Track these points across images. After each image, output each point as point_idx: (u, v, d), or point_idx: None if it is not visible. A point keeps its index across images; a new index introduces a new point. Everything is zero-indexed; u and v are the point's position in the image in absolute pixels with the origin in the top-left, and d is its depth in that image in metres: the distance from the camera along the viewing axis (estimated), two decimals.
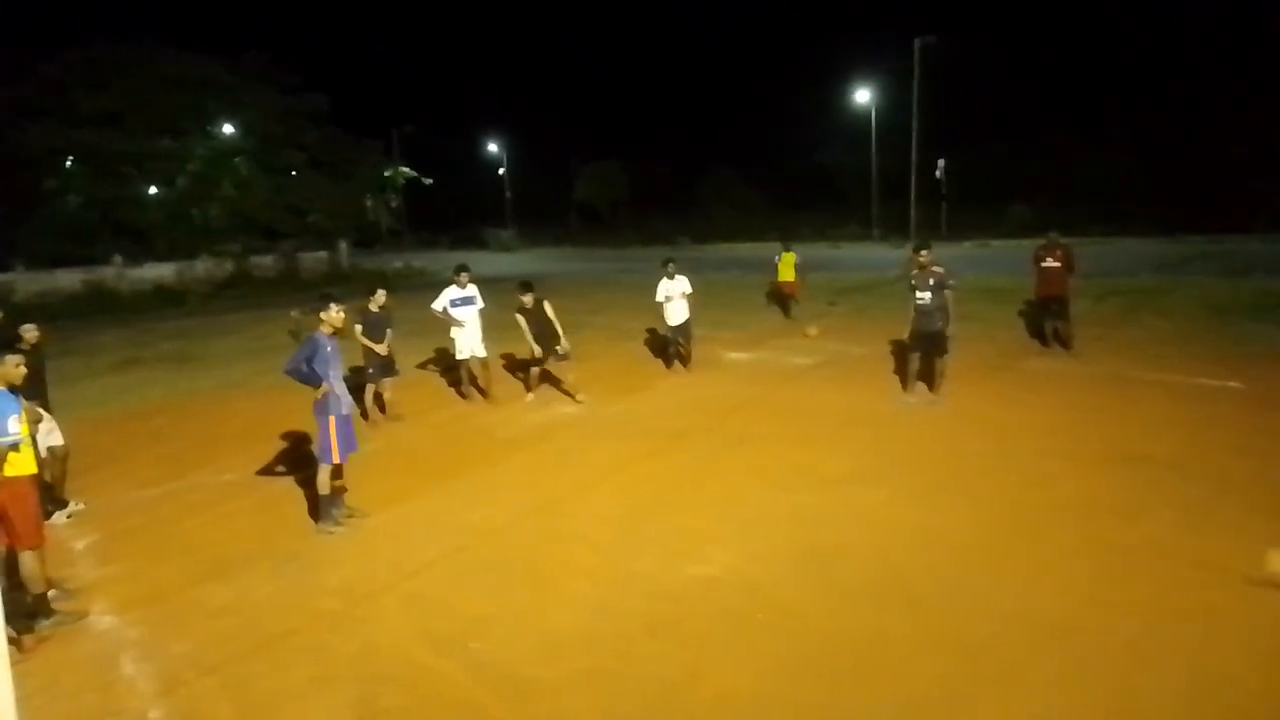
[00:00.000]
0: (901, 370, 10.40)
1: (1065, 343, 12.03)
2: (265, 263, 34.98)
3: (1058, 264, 11.80)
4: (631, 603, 5.30)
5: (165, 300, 28.56)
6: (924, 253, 9.70)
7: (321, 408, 6.67)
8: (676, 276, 12.05)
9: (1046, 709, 4.05)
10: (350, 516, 6.91)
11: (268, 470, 8.50)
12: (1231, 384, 9.82)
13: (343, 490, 6.95)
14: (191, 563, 6.32)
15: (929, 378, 9.93)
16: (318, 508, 6.85)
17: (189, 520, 7.24)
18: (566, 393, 10.84)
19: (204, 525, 7.13)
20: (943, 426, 8.86)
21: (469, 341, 10.70)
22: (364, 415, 9.93)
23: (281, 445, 9.25)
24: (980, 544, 5.91)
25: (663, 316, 12.21)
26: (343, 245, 38.86)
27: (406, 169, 44.73)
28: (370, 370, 10.01)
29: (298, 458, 8.77)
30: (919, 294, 9.63)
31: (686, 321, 12.21)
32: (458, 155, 65.33)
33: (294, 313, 18.14)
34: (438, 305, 10.73)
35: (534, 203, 64.61)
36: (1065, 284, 11.82)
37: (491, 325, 11.17)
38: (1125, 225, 34.96)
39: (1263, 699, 4.02)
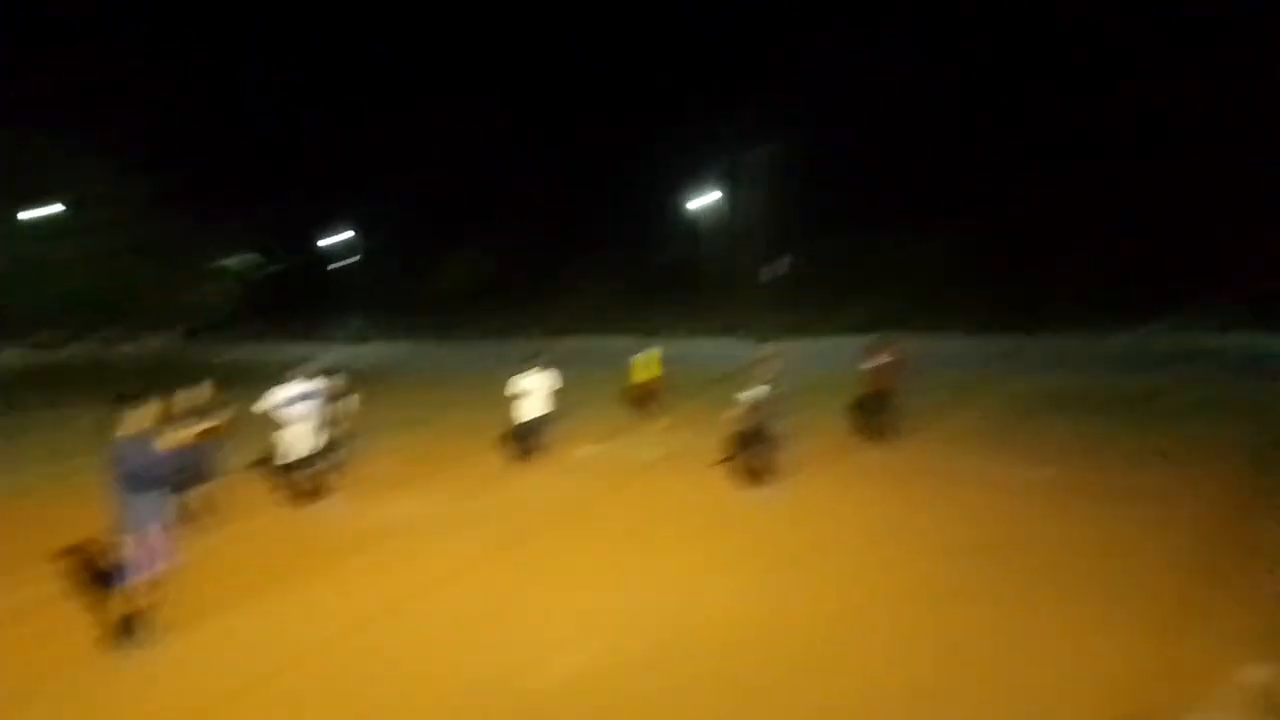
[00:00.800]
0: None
1: (891, 435, 12.74)
2: (85, 351, 32.43)
3: (886, 360, 12.59)
4: (490, 709, 5.11)
5: None
6: (762, 348, 10.23)
7: (132, 515, 6.15)
8: (542, 370, 12.15)
9: None
10: (152, 641, 6.27)
11: (52, 590, 7.68)
12: (1041, 473, 10.65)
13: (150, 609, 6.35)
14: None
15: (762, 471, 10.23)
16: (116, 630, 6.24)
17: None
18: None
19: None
20: (784, 518, 9.14)
21: (303, 440, 10.26)
22: (181, 522, 9.23)
23: (71, 561, 8.34)
24: (818, 635, 6.08)
25: (516, 408, 12.17)
26: (172, 333, 36.72)
27: (253, 255, 43.13)
28: (185, 473, 9.25)
29: (90, 575, 7.96)
30: (752, 390, 10.07)
31: (545, 416, 12.22)
32: (310, 241, 63.53)
33: (116, 408, 16.89)
34: (268, 403, 10.26)
35: (389, 291, 63.36)
36: (893, 380, 12.61)
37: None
38: (946, 322, 37.77)
39: None
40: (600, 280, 57.65)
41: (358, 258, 64.09)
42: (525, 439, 12.37)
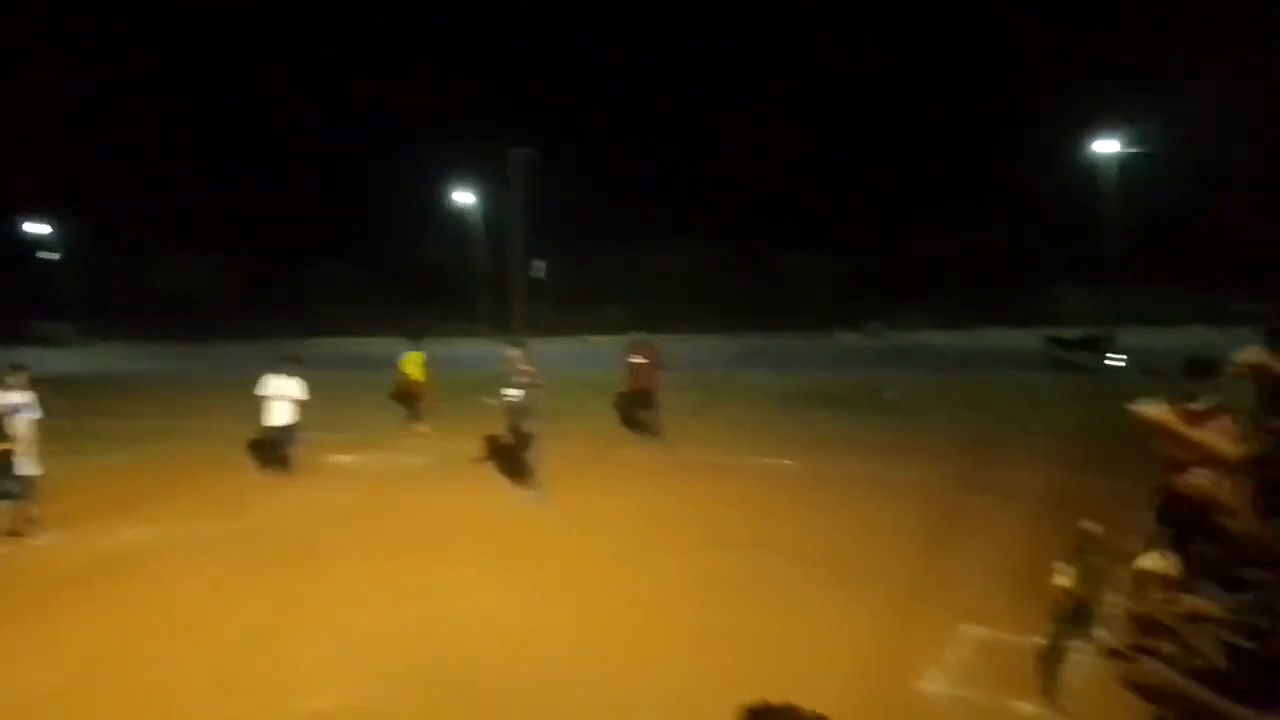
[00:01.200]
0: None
1: (655, 432, 13.14)
2: None
3: (645, 360, 12.96)
4: None
5: None
6: (517, 350, 10.19)
7: None
8: (288, 376, 11.36)
9: None
10: None
11: None
12: (789, 463, 11.41)
13: None
14: None
15: (525, 474, 10.04)
16: None
17: None
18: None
19: None
20: (553, 521, 9.11)
21: (23, 460, 8.82)
22: None
23: None
24: (593, 637, 6.08)
25: (265, 414, 11.36)
26: None
27: None
28: None
29: None
30: (509, 392, 10.15)
31: (292, 425, 11.38)
32: None
33: None
34: None
35: (103, 294, 56.48)
36: (653, 379, 13.00)
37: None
38: (698, 324, 39.74)
39: None
40: (356, 283, 55.11)
41: (57, 256, 56.75)
42: (276, 447, 11.49)
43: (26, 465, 8.87)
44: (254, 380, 11.41)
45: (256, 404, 11.37)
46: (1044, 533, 7.73)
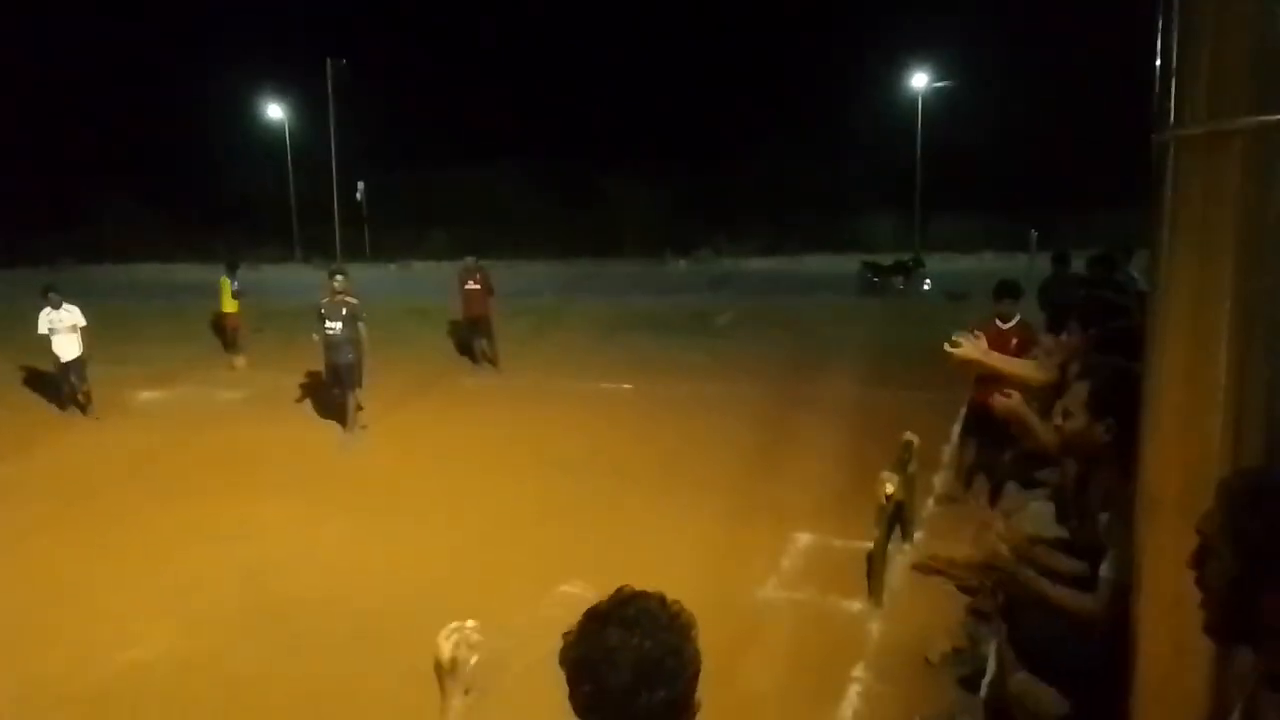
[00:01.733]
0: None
1: (492, 360, 12.93)
2: None
3: (477, 286, 12.64)
4: (40, 715, 4.22)
5: None
6: (338, 279, 9.44)
7: None
8: (63, 306, 10.19)
9: (524, 711, 4.22)
10: None
11: None
12: (624, 386, 11.58)
13: None
14: None
15: (351, 406, 9.45)
16: None
17: None
18: None
19: None
20: (386, 452, 8.87)
21: None
22: None
23: None
24: (437, 567, 6.01)
25: (53, 347, 10.30)
26: None
27: None
28: None
29: None
30: (329, 324, 9.29)
31: (79, 357, 10.35)
32: None
33: None
34: None
35: None
36: (486, 305, 12.73)
37: None
38: (526, 251, 39.19)
39: None
40: (145, 203, 50.15)
41: None
42: (68, 382, 10.46)
43: None
44: (29, 309, 10.26)
45: (32, 334, 10.29)
46: (863, 445, 8.29)
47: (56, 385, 10.66)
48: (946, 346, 4.15)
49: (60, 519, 7.05)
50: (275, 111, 41.97)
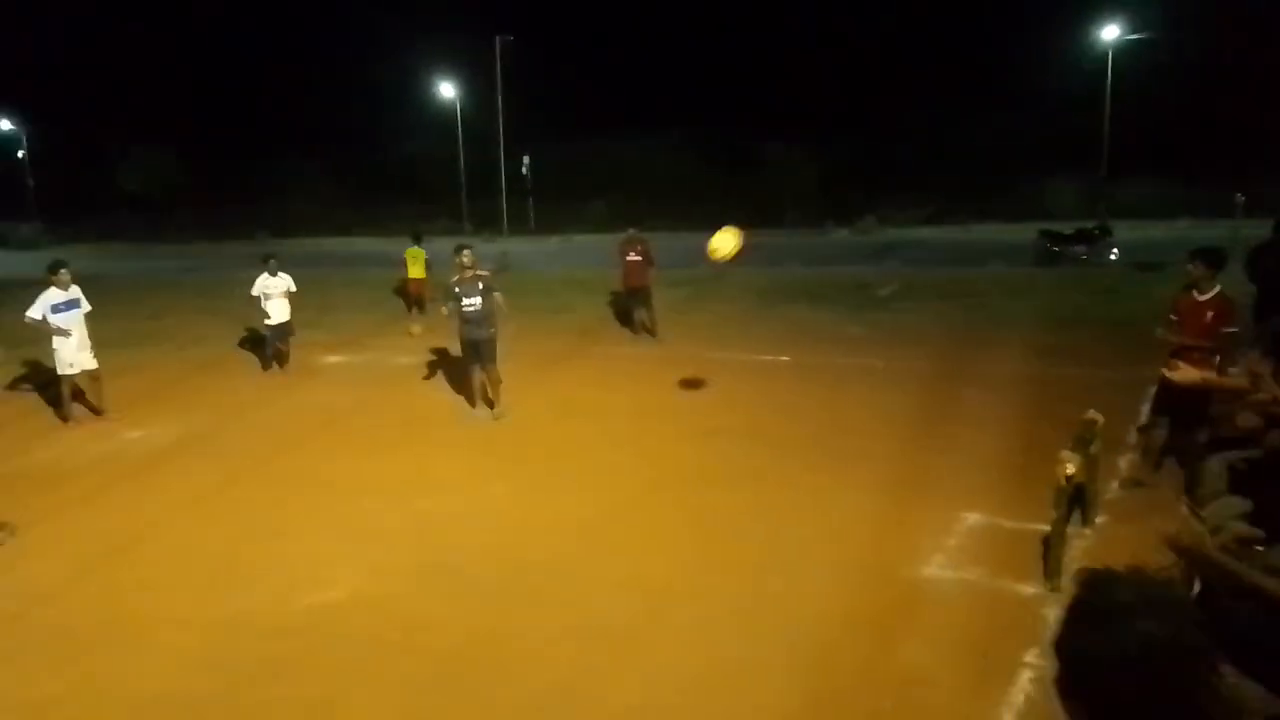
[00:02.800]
0: (465, 387, 9.56)
1: (650, 330, 13.08)
2: None
3: (639, 257, 12.78)
4: (242, 648, 4.69)
5: None
6: (464, 254, 8.95)
7: None
8: (279, 274, 11.35)
9: (676, 671, 4.32)
10: None
11: None
12: (782, 358, 11.44)
13: None
14: None
15: (488, 389, 9.31)
16: None
17: None
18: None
19: None
20: (547, 415, 9.14)
21: (74, 353, 8.99)
22: None
23: None
24: (595, 526, 6.18)
25: (261, 314, 11.42)
26: None
27: None
28: None
29: None
30: (467, 301, 8.86)
31: (288, 321, 11.40)
32: None
33: None
34: (35, 313, 8.90)
35: (69, 193, 54.83)
36: (646, 275, 12.86)
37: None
38: (685, 219, 39.19)
39: (838, 625, 4.67)
40: (327, 178, 53.62)
41: (21, 155, 54.88)
42: (272, 344, 11.57)
43: (85, 359, 9.12)
44: (229, 280, 11.23)
45: (236, 303, 11.27)
46: (1037, 423, 7.84)
47: (257, 347, 11.69)
48: (1159, 331, 3.82)
49: (260, 469, 7.70)
50: (447, 90, 43.60)
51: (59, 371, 9.11)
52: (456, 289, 8.90)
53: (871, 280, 18.02)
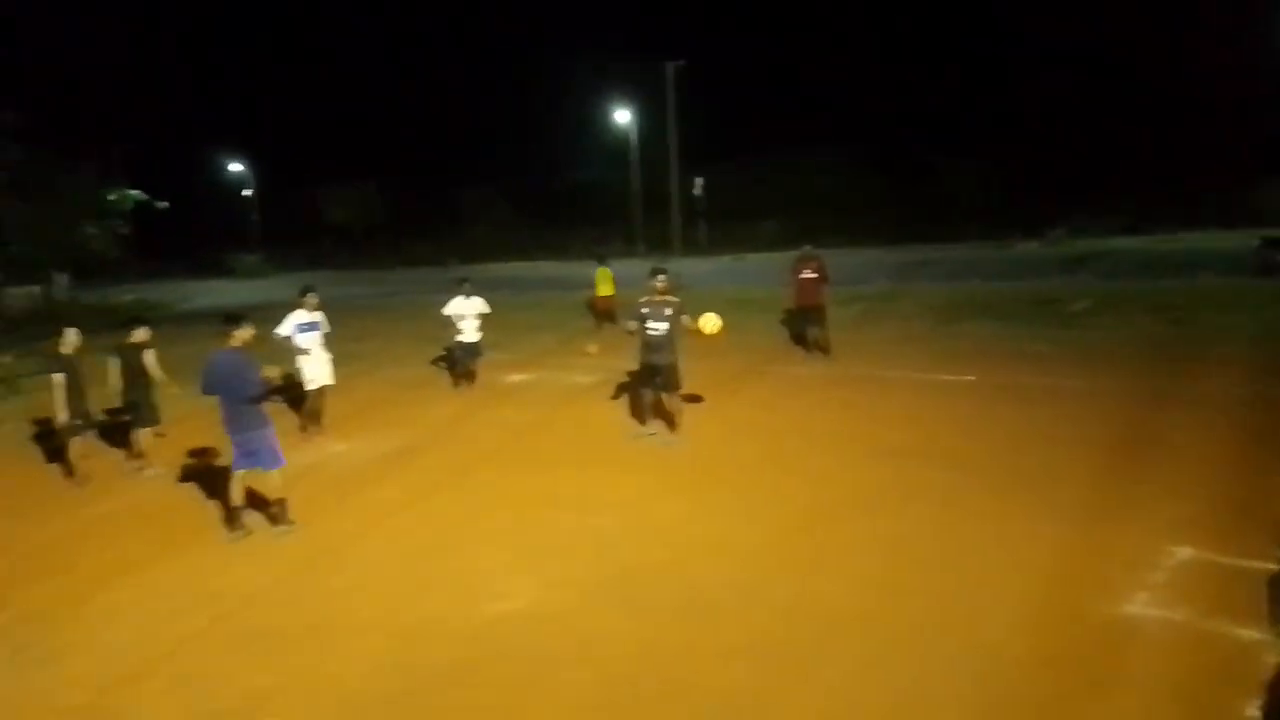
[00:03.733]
0: (636, 407, 9.60)
1: (824, 349, 12.86)
2: None
3: (814, 275, 12.61)
4: (429, 652, 4.97)
5: None
6: (659, 279, 8.74)
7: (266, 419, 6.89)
8: (472, 296, 12.04)
9: (848, 698, 4.21)
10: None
11: None
12: (963, 378, 10.94)
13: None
14: None
15: (666, 414, 9.23)
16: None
17: None
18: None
19: None
20: (719, 435, 9.15)
21: (317, 370, 10.02)
22: (69, 473, 8.78)
23: None
24: (770, 545, 6.12)
25: (454, 333, 12.15)
26: (60, 277, 34.39)
27: (135, 191, 40.25)
28: (76, 422, 8.66)
29: (12, 529, 7.57)
30: (651, 325, 8.70)
31: (478, 342, 12.09)
32: (196, 177, 60.16)
33: (3, 358, 15.80)
34: (283, 330, 9.91)
35: (283, 226, 60.59)
36: (820, 294, 12.67)
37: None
38: (859, 236, 38.28)
39: (1026, 660, 4.40)
40: (506, 205, 56.32)
41: (247, 192, 61.02)
42: (461, 363, 12.27)
43: (323, 375, 10.09)
44: (423, 304, 11.97)
45: (430, 326, 11.98)
46: (1257, 450, 7.12)
47: (448, 367, 12.43)
48: None
49: (449, 484, 8.15)
50: (622, 116, 44.74)
51: (306, 387, 10.04)
52: (644, 310, 8.75)
53: (1062, 295, 16.91)
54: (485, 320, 12.39)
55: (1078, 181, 36.45)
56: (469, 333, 12.07)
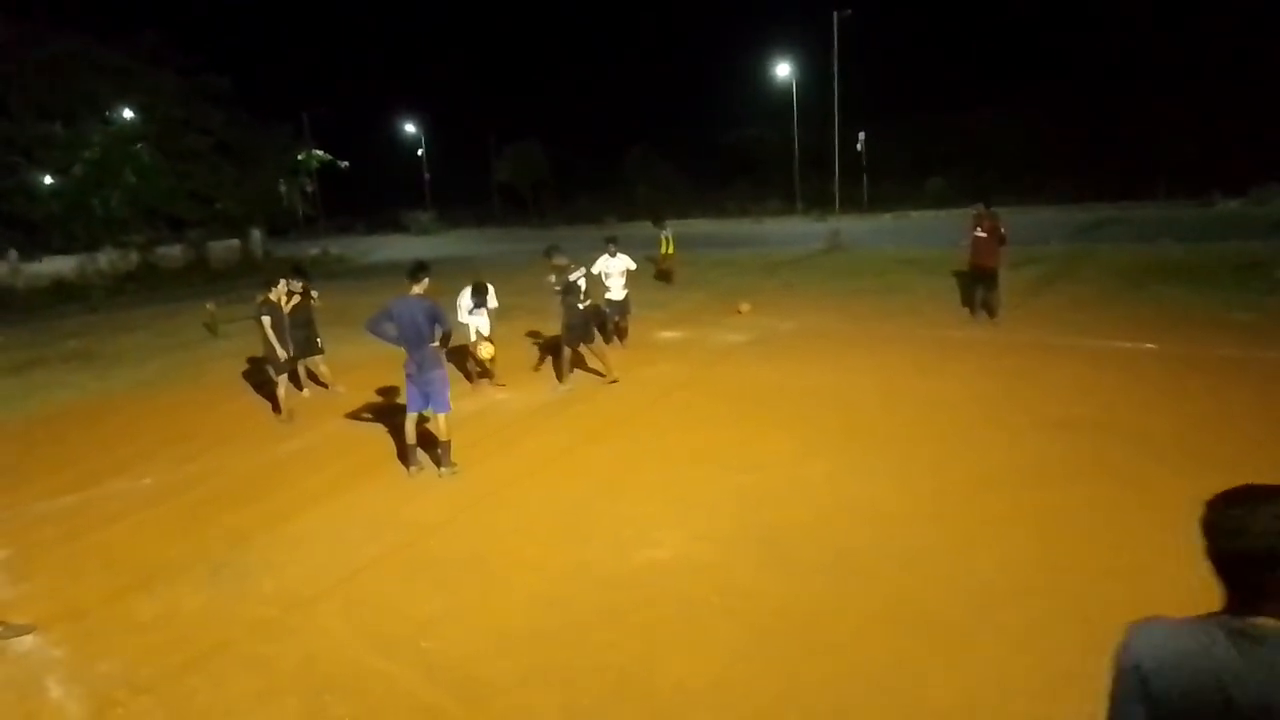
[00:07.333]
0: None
1: (991, 311, 12.30)
2: (173, 253, 33.54)
3: (986, 235, 12.03)
4: (581, 593, 5.21)
5: (65, 296, 27.08)
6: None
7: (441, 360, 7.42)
8: (618, 254, 12.22)
9: (999, 672, 4.11)
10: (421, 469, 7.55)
11: (190, 473, 8.12)
12: (1147, 346, 10.21)
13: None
14: (113, 575, 5.98)
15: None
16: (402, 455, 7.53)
17: (107, 530, 6.85)
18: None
19: (124, 534, 6.75)
20: (873, 400, 8.97)
21: (484, 324, 10.58)
22: (277, 410, 9.67)
23: (203, 445, 8.87)
24: (921, 513, 5.99)
25: (601, 290, 12.29)
26: (255, 233, 37.48)
27: (320, 152, 43.14)
28: (283, 359, 9.67)
29: (221, 457, 8.43)
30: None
31: (625, 299, 12.31)
32: (372, 137, 63.92)
33: (209, 305, 17.44)
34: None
35: (453, 185, 63.45)
36: (994, 254, 12.07)
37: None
38: (1035, 194, 35.98)
39: None
40: (667, 164, 56.44)
41: (420, 152, 63.99)
42: (613, 320, 12.52)
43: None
44: (585, 259, 12.18)
45: (593, 279, 12.22)
46: None
47: (602, 320, 12.75)
48: None
49: (603, 434, 8.44)
50: (783, 70, 43.70)
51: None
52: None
53: (1268, 259, 15.37)
54: (637, 278, 12.58)
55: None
56: (615, 290, 12.30)
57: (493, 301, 10.56)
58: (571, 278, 10.07)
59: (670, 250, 19.01)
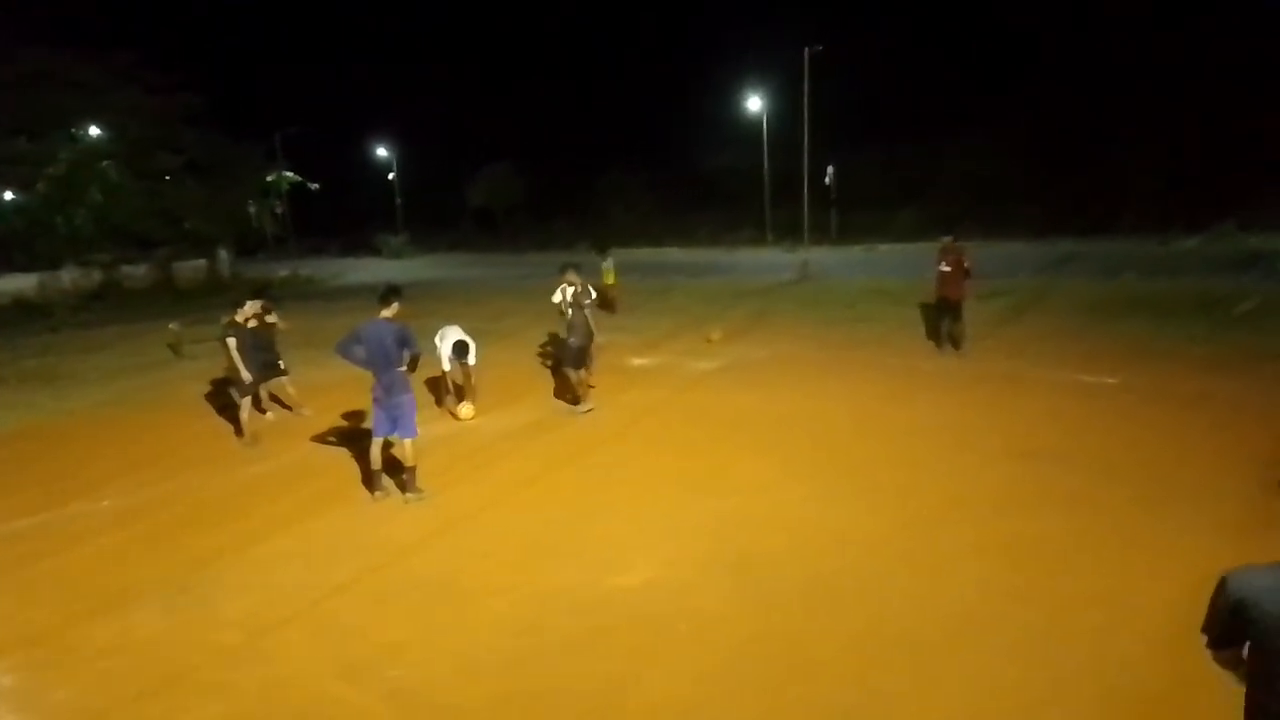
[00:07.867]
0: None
1: (956, 343, 12.45)
2: (138, 273, 33.03)
3: (949, 268, 12.20)
4: (552, 619, 5.17)
5: (26, 314, 26.51)
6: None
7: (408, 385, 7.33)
8: (573, 283, 12.13)
9: (965, 702, 4.12)
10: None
11: (152, 496, 7.95)
12: (1108, 380, 10.38)
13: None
14: (70, 600, 5.82)
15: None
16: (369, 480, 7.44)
17: (65, 554, 6.67)
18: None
19: (82, 558, 6.58)
20: (845, 426, 9.04)
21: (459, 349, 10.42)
22: (240, 433, 9.52)
23: (166, 468, 8.70)
24: (890, 541, 6.02)
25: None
26: (223, 253, 37.06)
27: (290, 174, 42.87)
28: (247, 382, 9.52)
29: (184, 480, 8.28)
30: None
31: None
32: (347, 159, 63.51)
33: (173, 325, 17.17)
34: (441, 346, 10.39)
35: (426, 207, 63.10)
36: (959, 286, 12.23)
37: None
38: (1003, 228, 36.55)
39: (1162, 676, 4.19)
40: (640, 190, 56.73)
41: (392, 175, 63.84)
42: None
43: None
44: (556, 286, 12.18)
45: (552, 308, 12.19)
46: None
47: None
48: None
49: (575, 460, 8.39)
50: (754, 103, 44.19)
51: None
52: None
53: (1226, 295, 15.74)
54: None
55: (1247, 171, 33.20)
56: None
57: (473, 359, 10.36)
58: (586, 301, 10.14)
59: (613, 280, 18.91)
